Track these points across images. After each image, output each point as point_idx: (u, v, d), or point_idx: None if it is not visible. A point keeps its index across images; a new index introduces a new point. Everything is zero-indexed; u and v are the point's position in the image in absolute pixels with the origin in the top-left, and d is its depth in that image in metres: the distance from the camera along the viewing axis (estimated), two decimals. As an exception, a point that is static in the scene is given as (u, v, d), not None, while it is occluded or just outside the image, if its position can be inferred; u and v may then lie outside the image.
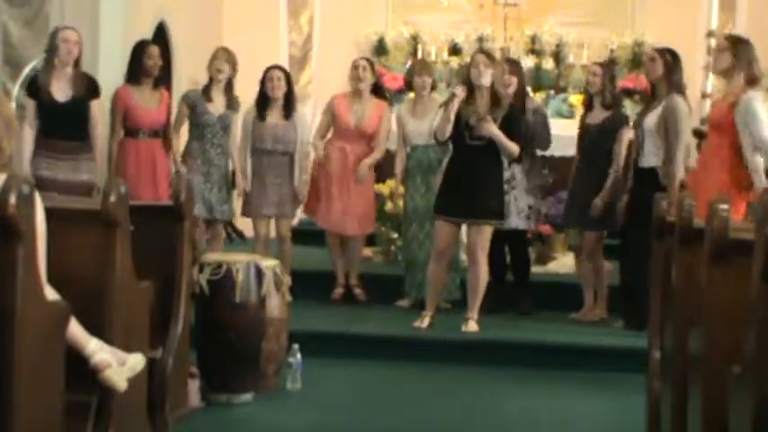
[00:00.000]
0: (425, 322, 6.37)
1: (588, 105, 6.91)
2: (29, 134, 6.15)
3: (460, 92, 6.21)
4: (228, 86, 6.90)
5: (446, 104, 6.27)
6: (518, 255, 7.07)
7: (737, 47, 5.86)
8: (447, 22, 10.86)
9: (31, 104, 6.20)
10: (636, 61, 10.23)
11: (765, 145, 5.68)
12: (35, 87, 6.22)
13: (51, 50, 6.21)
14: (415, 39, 10.71)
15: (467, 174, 6.25)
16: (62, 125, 6.22)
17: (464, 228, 6.51)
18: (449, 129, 6.22)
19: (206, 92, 6.86)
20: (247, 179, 6.94)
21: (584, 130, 6.83)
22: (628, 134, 6.66)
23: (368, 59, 7.42)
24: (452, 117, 6.19)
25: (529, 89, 8.23)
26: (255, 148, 6.95)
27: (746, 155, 5.70)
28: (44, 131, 6.22)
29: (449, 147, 6.45)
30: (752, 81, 5.76)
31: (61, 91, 6.22)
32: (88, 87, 6.31)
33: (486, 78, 6.22)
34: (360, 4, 10.64)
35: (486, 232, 6.32)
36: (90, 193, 6.20)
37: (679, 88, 6.37)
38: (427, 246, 6.85)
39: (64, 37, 6.20)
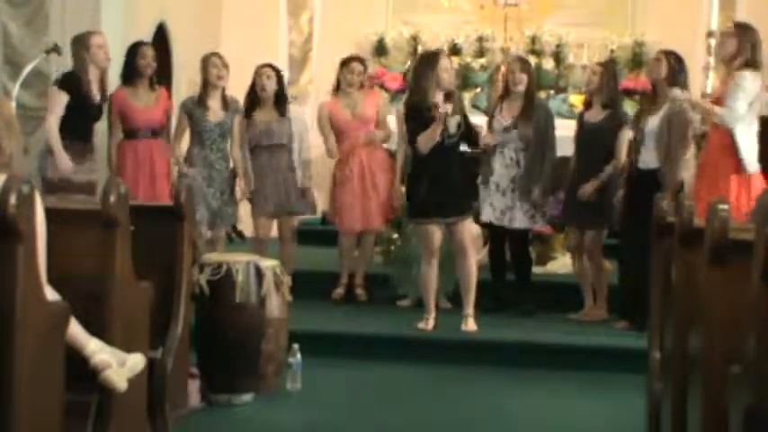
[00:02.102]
0: (430, 324, 6.37)
1: (587, 104, 6.93)
2: (55, 125, 6.25)
3: (450, 109, 6.25)
4: (222, 90, 6.90)
5: (420, 105, 6.32)
6: (519, 254, 7.07)
7: (741, 33, 5.89)
8: (447, 23, 10.86)
9: (63, 99, 6.29)
10: (636, 61, 10.24)
11: (730, 118, 5.73)
12: (72, 85, 6.32)
13: (83, 56, 6.33)
14: (414, 39, 10.71)
15: (449, 173, 6.30)
16: (87, 127, 6.42)
17: None
18: (432, 145, 6.24)
19: (202, 98, 6.85)
20: (249, 179, 6.93)
21: (582, 129, 6.83)
22: (628, 134, 6.66)
23: (361, 60, 7.34)
24: (438, 136, 6.21)
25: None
26: (251, 147, 6.95)
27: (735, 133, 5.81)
28: (72, 132, 6.29)
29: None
30: (750, 65, 5.81)
31: (95, 94, 6.41)
32: (106, 92, 6.53)
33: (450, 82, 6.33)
34: (360, 4, 10.64)
35: (470, 225, 6.44)
36: (95, 192, 6.26)
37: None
38: None
39: (98, 43, 6.40)
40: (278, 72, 7.08)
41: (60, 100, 6.29)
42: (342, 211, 7.14)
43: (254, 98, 6.96)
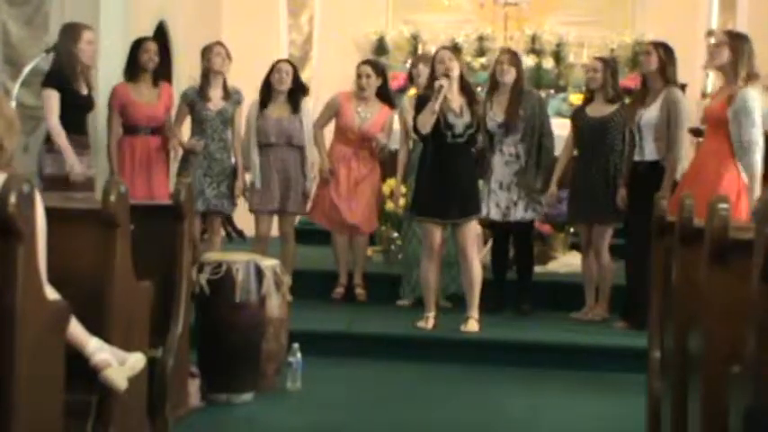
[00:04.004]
0: (430, 323, 6.36)
1: (588, 100, 6.89)
2: (59, 125, 6.19)
3: (446, 83, 6.18)
4: (224, 80, 6.91)
5: (431, 97, 6.23)
6: (523, 247, 7.07)
7: (736, 42, 5.86)
8: (447, 22, 10.87)
9: (55, 97, 6.23)
10: (636, 60, 10.23)
11: (751, 144, 5.70)
12: (59, 80, 6.27)
13: (72, 50, 6.28)
14: (415, 38, 10.73)
15: (451, 173, 6.24)
16: (80, 120, 6.37)
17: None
18: (432, 122, 6.17)
19: (203, 88, 6.86)
20: (256, 175, 6.93)
21: (584, 124, 6.77)
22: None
23: (373, 64, 7.35)
24: (437, 109, 6.13)
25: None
26: (260, 142, 6.95)
27: (738, 152, 5.73)
28: (67, 126, 6.27)
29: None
30: (751, 77, 5.78)
31: (83, 87, 6.37)
32: (91, 87, 6.48)
33: (455, 72, 6.23)
34: (360, 3, 10.65)
35: (473, 228, 6.36)
36: (92, 187, 6.26)
37: (674, 82, 6.39)
38: None
39: (88, 39, 6.35)
40: (294, 67, 7.11)
41: (54, 98, 6.23)
42: (329, 212, 7.14)
43: (267, 93, 6.97)
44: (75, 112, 6.31)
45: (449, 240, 6.60)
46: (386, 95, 7.22)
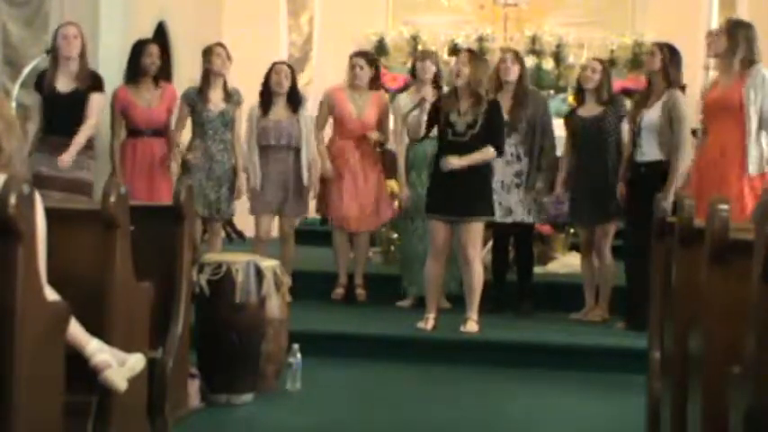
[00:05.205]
0: (429, 324, 6.35)
1: (580, 101, 6.89)
2: (31, 130, 6.21)
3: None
4: (224, 81, 6.91)
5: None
6: (524, 248, 7.06)
7: (732, 29, 5.84)
8: (447, 23, 10.88)
9: (37, 99, 6.28)
10: (636, 61, 10.23)
11: None
12: (41, 82, 6.31)
13: (54, 48, 6.32)
14: (415, 39, 10.73)
15: (454, 172, 6.23)
16: (63, 118, 6.28)
17: None
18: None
19: (203, 89, 6.86)
20: (256, 176, 6.92)
21: (577, 125, 6.76)
22: (626, 127, 6.62)
23: (366, 56, 7.38)
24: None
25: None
26: (260, 144, 6.95)
27: (752, 132, 5.68)
28: (46, 127, 6.29)
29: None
30: (749, 61, 5.76)
31: (64, 84, 6.32)
32: (92, 81, 6.38)
33: (462, 79, 6.25)
34: (360, 4, 10.65)
35: (476, 230, 6.29)
36: (89, 192, 6.23)
37: (677, 83, 6.38)
38: (427, 240, 6.86)
39: (63, 33, 6.33)
40: (292, 70, 7.12)
41: (35, 102, 6.31)
42: (334, 208, 7.16)
43: (268, 95, 6.96)
44: (55, 109, 6.27)
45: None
46: (377, 85, 7.28)
